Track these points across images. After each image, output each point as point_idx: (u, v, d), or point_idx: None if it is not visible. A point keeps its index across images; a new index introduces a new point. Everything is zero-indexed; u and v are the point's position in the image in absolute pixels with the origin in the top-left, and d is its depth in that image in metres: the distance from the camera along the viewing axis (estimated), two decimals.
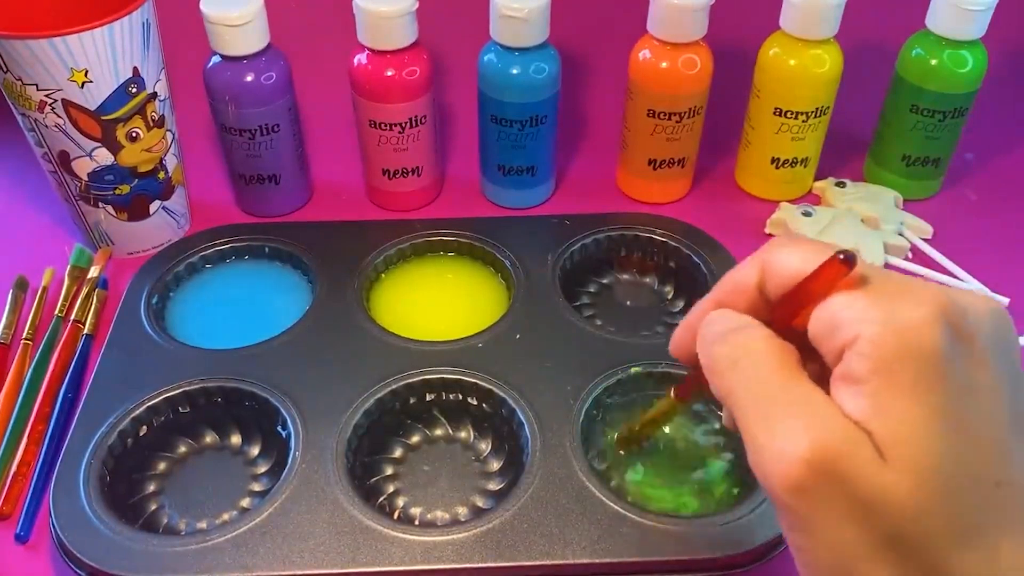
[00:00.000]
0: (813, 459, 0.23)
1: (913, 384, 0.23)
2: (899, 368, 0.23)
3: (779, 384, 0.25)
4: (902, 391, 0.23)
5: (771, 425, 0.24)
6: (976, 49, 0.56)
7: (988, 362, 0.24)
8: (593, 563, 0.39)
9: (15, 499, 0.45)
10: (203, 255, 0.55)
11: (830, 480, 0.23)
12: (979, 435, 0.23)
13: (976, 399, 0.23)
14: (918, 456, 0.23)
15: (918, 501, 0.23)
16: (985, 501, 0.23)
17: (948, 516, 0.23)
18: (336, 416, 0.45)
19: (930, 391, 0.23)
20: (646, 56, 0.57)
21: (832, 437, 0.23)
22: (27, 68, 0.48)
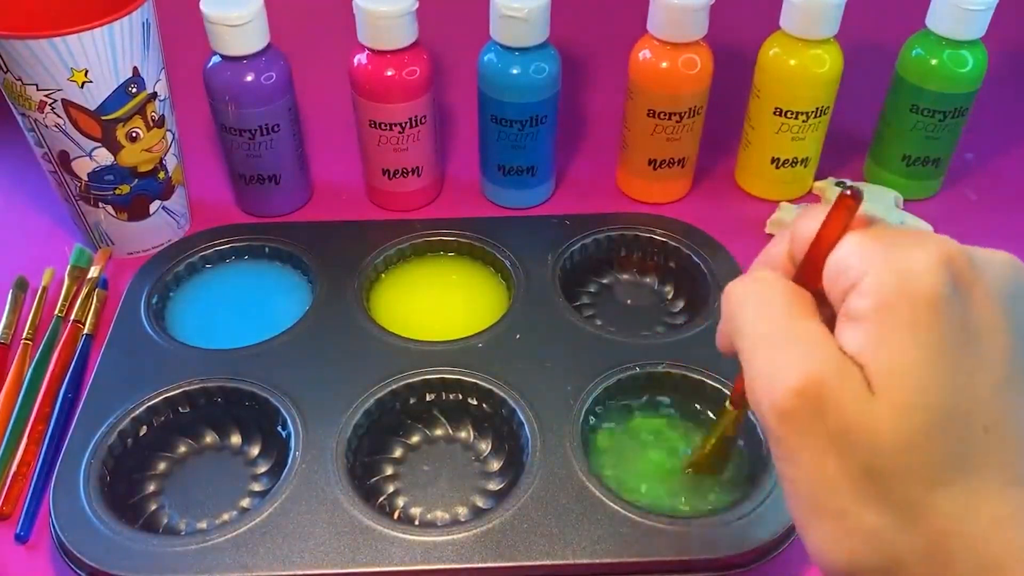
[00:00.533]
0: (801, 387, 0.23)
1: (910, 323, 0.23)
2: (897, 307, 0.23)
3: (784, 322, 0.25)
4: (899, 329, 0.23)
5: (770, 355, 0.25)
6: (976, 49, 0.56)
7: (991, 308, 0.24)
8: (593, 563, 0.39)
9: (15, 499, 0.45)
10: (203, 255, 0.55)
11: (816, 408, 0.23)
12: (973, 378, 0.23)
13: (975, 343, 0.23)
14: (905, 391, 0.23)
15: (900, 435, 0.23)
16: (971, 444, 0.23)
17: (929, 453, 0.23)
18: (336, 416, 0.45)
19: (926, 330, 0.23)
20: (646, 56, 0.57)
21: (823, 367, 0.24)
22: (27, 68, 0.48)
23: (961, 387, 0.23)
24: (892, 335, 0.23)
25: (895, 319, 0.23)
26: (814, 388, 0.24)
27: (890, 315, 0.23)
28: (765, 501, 0.41)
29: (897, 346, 0.23)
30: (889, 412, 0.23)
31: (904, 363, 0.23)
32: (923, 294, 0.23)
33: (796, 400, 0.24)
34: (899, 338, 0.23)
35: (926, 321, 0.23)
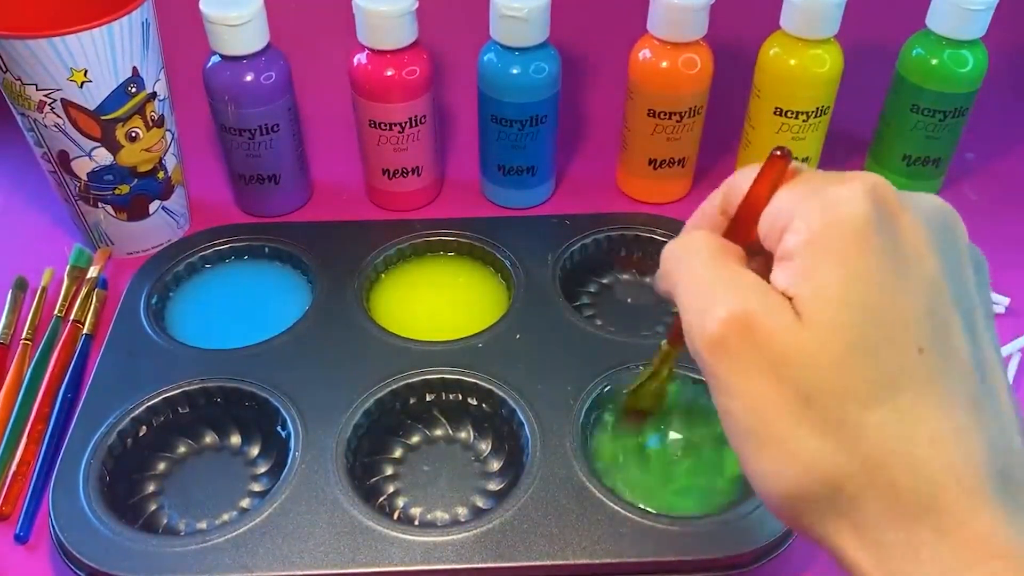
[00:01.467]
0: (727, 316, 0.24)
1: (838, 251, 0.24)
2: (824, 237, 0.24)
3: (714, 270, 0.26)
4: (826, 257, 0.24)
5: (701, 299, 0.26)
6: (976, 49, 0.56)
7: (919, 234, 0.24)
8: (593, 563, 0.39)
9: (15, 499, 0.45)
10: (203, 255, 0.55)
11: (746, 338, 0.24)
12: (902, 299, 0.24)
13: (903, 266, 0.24)
14: (833, 313, 0.23)
15: (830, 355, 0.23)
16: (905, 364, 0.23)
17: (861, 372, 0.23)
18: (336, 416, 0.45)
19: (853, 255, 0.24)
20: (646, 56, 0.57)
21: (750, 301, 0.25)
22: (27, 68, 0.48)
23: (889, 307, 0.24)
24: (820, 264, 0.24)
25: (822, 249, 0.24)
26: (741, 318, 0.24)
27: (818, 246, 0.24)
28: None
29: (823, 272, 0.24)
30: (818, 334, 0.23)
31: (830, 286, 0.24)
32: (848, 221, 0.24)
33: (725, 330, 0.24)
34: (826, 265, 0.24)
35: (852, 246, 0.24)
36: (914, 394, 0.23)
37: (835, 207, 0.24)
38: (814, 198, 0.25)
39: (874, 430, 0.23)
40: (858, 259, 0.24)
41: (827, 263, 0.24)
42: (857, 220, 0.24)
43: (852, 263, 0.24)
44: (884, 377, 0.23)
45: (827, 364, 0.23)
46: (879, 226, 0.24)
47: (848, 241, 0.24)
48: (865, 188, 0.24)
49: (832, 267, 0.24)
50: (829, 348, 0.23)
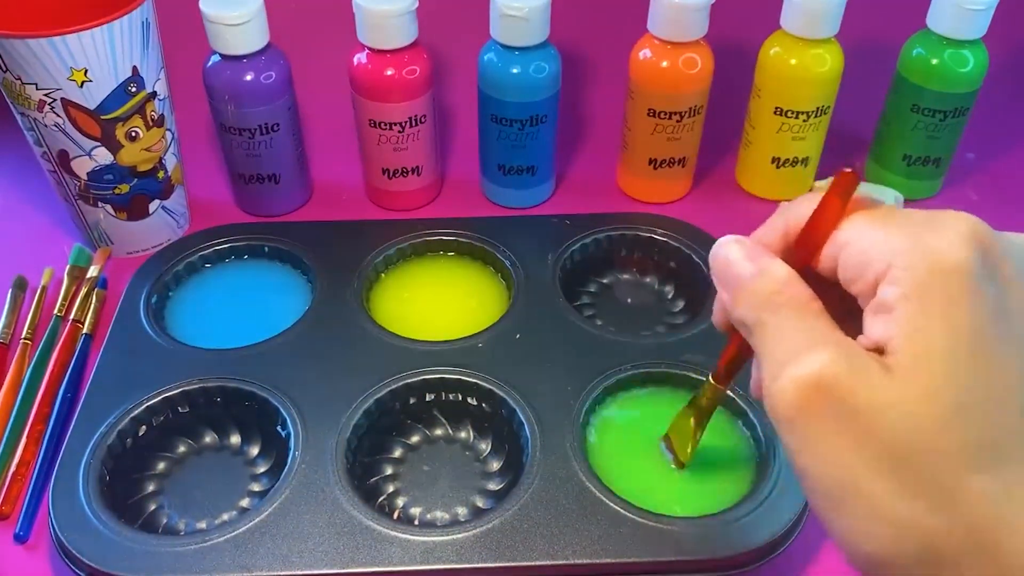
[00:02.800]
0: (811, 378, 0.23)
1: (943, 303, 0.22)
2: (929, 289, 0.23)
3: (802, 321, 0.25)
4: (930, 311, 0.22)
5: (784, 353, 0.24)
6: (977, 48, 0.56)
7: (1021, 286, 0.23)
8: (593, 563, 0.39)
9: (14, 499, 0.45)
10: (202, 255, 0.55)
11: (828, 396, 0.23)
12: (1007, 358, 0.22)
13: (1007, 322, 0.23)
14: (933, 371, 0.22)
15: (931, 413, 0.22)
16: (1007, 426, 0.22)
17: (961, 436, 0.22)
18: (336, 416, 0.45)
19: (958, 308, 0.22)
20: (646, 56, 0.57)
21: (836, 358, 0.23)
22: (27, 67, 0.48)
23: (996, 367, 0.22)
24: (923, 319, 0.23)
25: (928, 302, 0.23)
26: (824, 377, 0.23)
27: (923, 299, 0.23)
28: (765, 501, 0.41)
29: (927, 328, 0.22)
30: (912, 390, 0.22)
31: (933, 342, 0.22)
32: (954, 271, 0.22)
33: (806, 389, 0.23)
34: (930, 319, 0.22)
35: (958, 299, 0.22)
36: (1017, 460, 0.22)
37: (936, 255, 0.23)
38: (912, 244, 0.23)
39: (977, 495, 0.22)
40: (962, 312, 0.22)
41: (930, 316, 0.22)
42: (961, 268, 0.22)
43: (955, 316, 0.22)
44: (985, 442, 0.22)
45: (927, 422, 0.22)
46: (983, 275, 0.23)
47: (952, 292, 0.22)
48: (966, 233, 0.23)
49: (935, 320, 0.22)
50: (931, 405, 0.22)
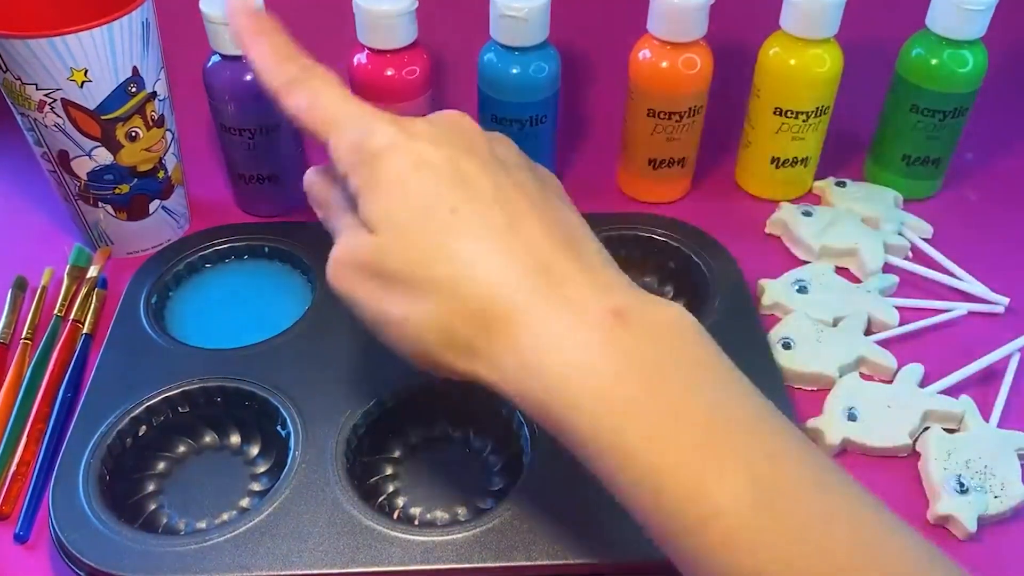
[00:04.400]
0: (334, 258, 0.34)
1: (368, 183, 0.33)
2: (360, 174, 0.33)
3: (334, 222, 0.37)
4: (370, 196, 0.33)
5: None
6: (976, 49, 0.56)
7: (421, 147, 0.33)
8: (593, 563, 0.39)
9: (14, 499, 0.45)
10: (202, 255, 0.55)
11: (346, 264, 0.33)
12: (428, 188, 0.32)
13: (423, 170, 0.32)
14: (387, 221, 0.32)
15: (392, 244, 0.32)
16: (443, 225, 0.31)
17: (408, 245, 0.32)
18: (336, 416, 0.45)
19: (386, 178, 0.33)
20: (646, 56, 0.57)
21: (345, 240, 0.34)
22: (27, 67, 0.48)
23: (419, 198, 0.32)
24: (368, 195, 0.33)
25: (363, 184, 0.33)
26: (340, 254, 0.34)
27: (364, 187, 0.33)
28: None
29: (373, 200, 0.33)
30: (380, 237, 0.32)
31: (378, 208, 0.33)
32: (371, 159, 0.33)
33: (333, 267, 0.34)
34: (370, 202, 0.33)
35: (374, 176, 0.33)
36: (458, 239, 0.31)
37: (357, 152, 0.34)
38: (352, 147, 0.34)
39: (441, 278, 0.31)
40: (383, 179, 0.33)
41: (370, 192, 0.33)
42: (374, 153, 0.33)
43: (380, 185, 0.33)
44: (433, 241, 0.31)
45: (385, 250, 0.32)
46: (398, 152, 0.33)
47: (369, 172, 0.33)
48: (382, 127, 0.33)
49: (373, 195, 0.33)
50: (387, 241, 0.32)
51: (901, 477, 0.46)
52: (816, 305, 0.53)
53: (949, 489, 0.44)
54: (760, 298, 0.55)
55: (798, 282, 0.55)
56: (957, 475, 0.44)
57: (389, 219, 0.32)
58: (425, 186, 0.32)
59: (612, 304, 0.30)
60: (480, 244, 0.31)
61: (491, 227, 0.31)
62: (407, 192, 0.32)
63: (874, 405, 0.48)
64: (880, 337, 0.52)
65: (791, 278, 0.56)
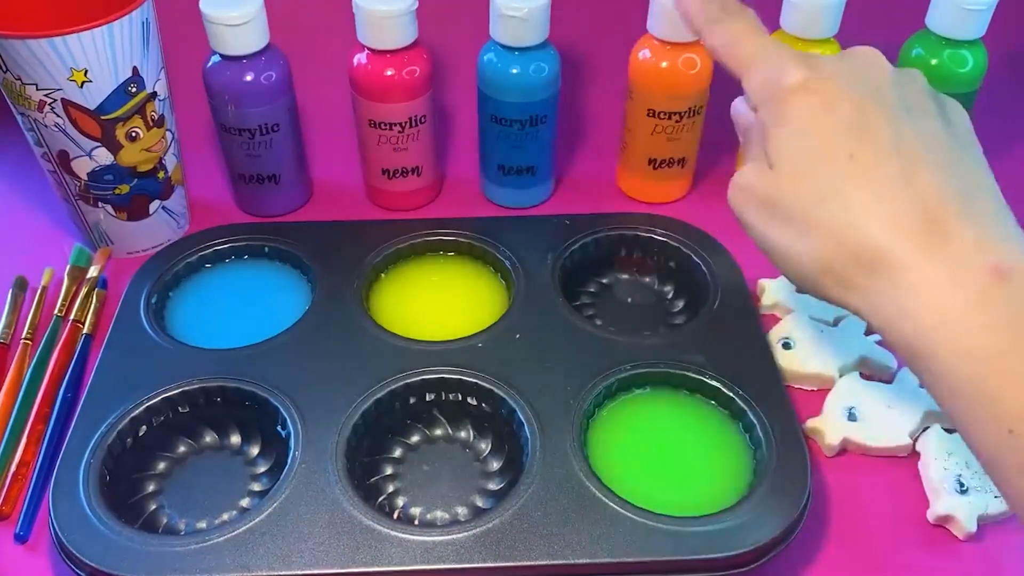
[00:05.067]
0: (735, 183, 0.37)
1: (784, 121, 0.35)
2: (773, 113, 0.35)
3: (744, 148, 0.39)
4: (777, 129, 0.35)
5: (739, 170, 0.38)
6: (976, 49, 0.56)
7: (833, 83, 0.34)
8: (593, 563, 0.39)
9: (14, 499, 0.45)
10: (202, 255, 0.55)
11: (744, 191, 0.36)
12: (830, 127, 0.33)
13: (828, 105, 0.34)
14: (786, 155, 0.34)
15: (787, 181, 0.34)
16: (839, 169, 0.33)
17: (802, 183, 0.34)
18: (336, 416, 0.45)
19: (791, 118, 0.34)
20: (646, 56, 0.57)
21: (747, 170, 0.36)
22: (27, 68, 0.48)
23: (821, 136, 0.34)
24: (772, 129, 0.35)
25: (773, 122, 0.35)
26: (741, 182, 0.37)
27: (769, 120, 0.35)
28: (765, 501, 0.41)
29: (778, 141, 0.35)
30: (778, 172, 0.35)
31: (781, 141, 0.35)
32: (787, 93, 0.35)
33: (734, 190, 0.37)
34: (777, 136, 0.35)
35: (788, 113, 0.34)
36: (851, 185, 0.33)
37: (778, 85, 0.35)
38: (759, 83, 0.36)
39: (828, 219, 0.33)
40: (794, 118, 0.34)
41: (780, 135, 0.35)
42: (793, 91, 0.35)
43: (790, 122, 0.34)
44: (826, 184, 0.33)
45: (784, 186, 0.34)
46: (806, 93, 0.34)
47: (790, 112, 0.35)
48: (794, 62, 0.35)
49: (784, 136, 0.35)
50: (783, 177, 0.34)
51: (901, 477, 0.46)
52: (816, 305, 0.53)
53: (949, 489, 0.44)
54: (760, 298, 0.55)
55: None
56: (957, 475, 0.44)
57: (788, 156, 0.34)
58: (826, 129, 0.33)
59: (994, 261, 0.31)
60: (871, 192, 0.32)
61: (885, 176, 0.32)
62: (808, 133, 0.34)
63: (874, 405, 0.48)
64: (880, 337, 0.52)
65: None
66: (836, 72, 0.35)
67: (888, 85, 0.35)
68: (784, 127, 0.34)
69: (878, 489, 0.46)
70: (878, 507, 0.45)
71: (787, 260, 0.35)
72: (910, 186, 0.32)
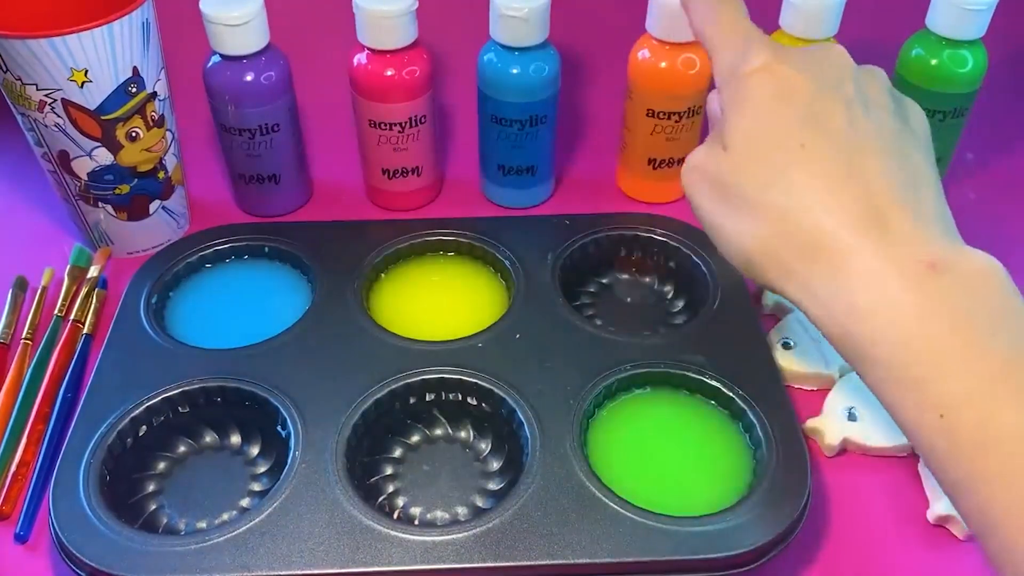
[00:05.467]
0: (688, 164, 0.38)
1: (739, 106, 0.35)
2: (730, 98, 0.36)
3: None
4: (732, 113, 0.36)
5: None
6: (976, 49, 0.56)
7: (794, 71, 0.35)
8: (593, 563, 0.39)
9: (15, 499, 0.45)
10: (202, 255, 0.55)
11: (696, 172, 0.37)
12: (784, 118, 0.34)
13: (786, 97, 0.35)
14: (739, 140, 0.35)
15: (738, 164, 0.35)
16: (790, 157, 0.34)
17: (753, 168, 0.35)
18: (336, 416, 0.45)
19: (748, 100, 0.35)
20: (645, 56, 0.57)
21: (700, 151, 0.37)
22: (27, 68, 0.48)
23: (774, 126, 0.34)
24: (731, 118, 0.36)
25: (730, 107, 0.36)
26: (694, 163, 0.37)
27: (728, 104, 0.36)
28: (764, 501, 0.41)
29: (733, 125, 0.35)
30: (731, 155, 0.35)
31: (737, 127, 0.35)
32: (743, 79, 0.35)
33: (687, 172, 0.38)
34: (732, 119, 0.36)
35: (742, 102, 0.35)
36: (800, 172, 0.33)
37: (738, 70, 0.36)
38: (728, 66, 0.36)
39: (776, 205, 0.34)
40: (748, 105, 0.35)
41: (734, 117, 0.35)
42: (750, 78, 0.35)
43: (744, 109, 0.35)
44: (776, 170, 0.34)
45: (735, 168, 0.35)
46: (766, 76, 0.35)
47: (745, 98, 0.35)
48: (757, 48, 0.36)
49: (737, 119, 0.35)
50: (735, 160, 0.35)
51: (901, 477, 0.46)
52: None
53: None
54: (760, 298, 0.55)
55: None
56: None
57: (742, 139, 0.35)
58: (781, 116, 0.34)
59: (930, 256, 0.32)
60: (819, 182, 0.33)
61: (833, 168, 0.33)
62: (763, 118, 0.34)
63: (874, 405, 0.48)
64: None
65: None
66: (799, 62, 0.35)
67: (848, 78, 0.35)
68: (740, 110, 0.35)
69: (878, 489, 0.46)
70: (878, 507, 0.45)
71: (731, 242, 0.36)
72: (857, 176, 0.33)
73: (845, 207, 0.33)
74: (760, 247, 0.34)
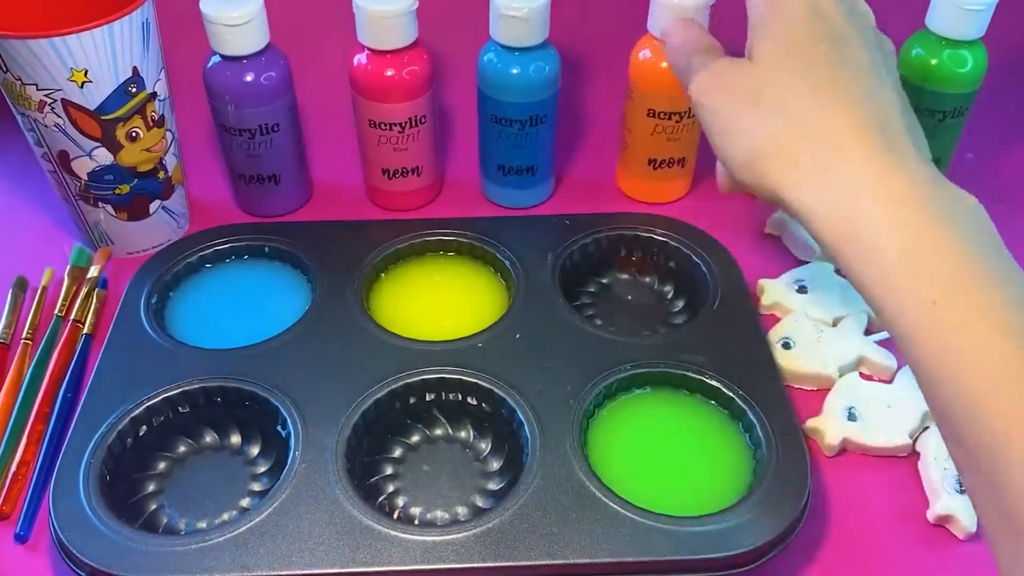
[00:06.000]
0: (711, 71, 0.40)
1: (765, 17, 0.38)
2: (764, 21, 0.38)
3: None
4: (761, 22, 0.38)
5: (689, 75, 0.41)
6: (976, 49, 0.56)
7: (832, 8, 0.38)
8: (593, 563, 0.39)
9: (15, 499, 0.45)
10: (202, 255, 0.55)
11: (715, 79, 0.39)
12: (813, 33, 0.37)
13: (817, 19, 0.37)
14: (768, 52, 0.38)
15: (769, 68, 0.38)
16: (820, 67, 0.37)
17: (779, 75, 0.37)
18: (336, 416, 0.45)
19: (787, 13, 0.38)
20: (646, 56, 0.57)
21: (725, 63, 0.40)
22: (27, 68, 0.48)
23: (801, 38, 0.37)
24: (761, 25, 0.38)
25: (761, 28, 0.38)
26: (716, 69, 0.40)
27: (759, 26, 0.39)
28: (764, 501, 0.41)
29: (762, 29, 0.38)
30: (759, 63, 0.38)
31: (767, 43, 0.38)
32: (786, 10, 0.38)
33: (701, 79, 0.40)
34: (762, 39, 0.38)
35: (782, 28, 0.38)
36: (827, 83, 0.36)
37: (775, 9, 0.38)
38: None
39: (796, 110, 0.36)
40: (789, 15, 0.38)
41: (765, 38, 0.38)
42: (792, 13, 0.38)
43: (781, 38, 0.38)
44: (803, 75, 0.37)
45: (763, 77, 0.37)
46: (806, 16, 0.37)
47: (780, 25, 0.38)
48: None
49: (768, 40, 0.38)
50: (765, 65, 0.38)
51: (901, 477, 0.46)
52: (816, 305, 0.53)
53: (949, 489, 0.44)
54: (760, 298, 0.55)
55: (798, 282, 0.55)
56: (957, 475, 0.44)
57: (774, 47, 0.38)
58: (814, 31, 0.37)
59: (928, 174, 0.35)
60: (843, 94, 0.36)
61: (856, 88, 0.36)
62: (799, 30, 0.37)
63: (874, 405, 0.48)
64: (880, 337, 0.52)
65: (791, 278, 0.56)
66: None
67: (871, 24, 0.40)
68: (777, 21, 0.38)
69: (878, 489, 0.46)
70: (878, 507, 0.45)
71: (741, 141, 0.38)
72: (875, 100, 0.36)
73: (864, 123, 0.35)
74: (773, 144, 0.37)
